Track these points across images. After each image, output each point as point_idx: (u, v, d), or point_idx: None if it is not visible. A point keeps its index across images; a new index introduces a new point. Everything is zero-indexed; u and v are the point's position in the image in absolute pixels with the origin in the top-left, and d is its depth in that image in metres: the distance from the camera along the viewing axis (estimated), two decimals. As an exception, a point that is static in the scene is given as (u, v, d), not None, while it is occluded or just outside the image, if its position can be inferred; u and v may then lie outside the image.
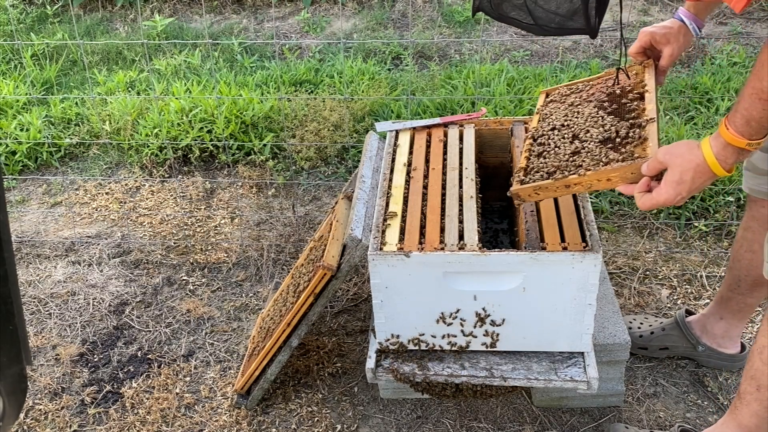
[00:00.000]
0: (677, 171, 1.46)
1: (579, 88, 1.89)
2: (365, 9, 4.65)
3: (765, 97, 1.33)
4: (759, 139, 1.40)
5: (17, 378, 1.11)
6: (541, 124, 1.82)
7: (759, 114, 1.36)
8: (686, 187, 1.46)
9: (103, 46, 4.20)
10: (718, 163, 1.43)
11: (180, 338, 2.44)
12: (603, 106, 1.75)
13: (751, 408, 1.70)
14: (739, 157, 1.44)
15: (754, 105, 1.36)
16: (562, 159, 1.65)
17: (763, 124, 1.37)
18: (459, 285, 1.78)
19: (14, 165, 3.29)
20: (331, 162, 3.21)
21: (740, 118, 1.39)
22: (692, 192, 1.48)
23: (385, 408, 2.15)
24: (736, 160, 1.44)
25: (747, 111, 1.37)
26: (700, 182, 1.46)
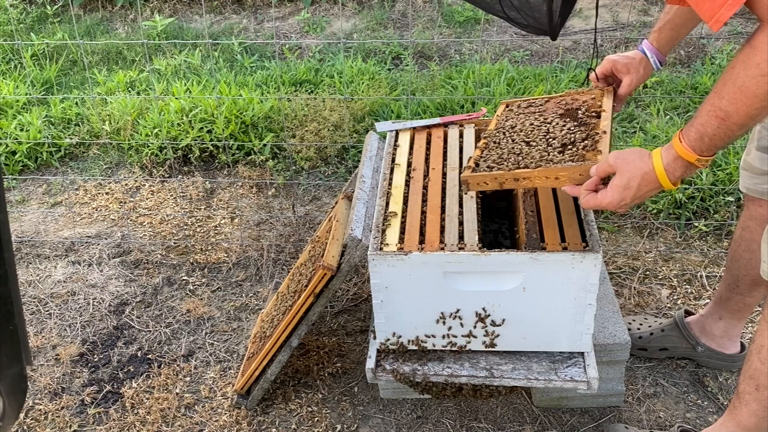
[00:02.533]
0: (625, 176, 1.48)
1: (538, 103, 1.94)
2: (365, 9, 4.65)
3: (722, 116, 1.34)
4: (708, 156, 1.41)
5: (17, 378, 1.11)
6: (498, 127, 1.87)
7: (713, 131, 1.37)
8: (631, 193, 1.48)
9: (103, 46, 4.20)
10: (666, 175, 1.45)
11: (180, 338, 2.44)
12: (560, 118, 1.80)
13: (750, 407, 1.70)
14: (687, 171, 1.45)
15: (710, 122, 1.36)
16: (515, 154, 1.69)
17: (715, 141, 1.38)
18: (459, 285, 1.78)
19: (14, 165, 3.29)
20: (331, 162, 3.21)
21: (695, 133, 1.40)
22: (636, 199, 1.50)
23: (385, 408, 2.15)
24: (684, 174, 1.46)
25: (702, 126, 1.38)
26: (646, 191, 1.48)
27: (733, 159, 2.82)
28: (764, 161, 1.83)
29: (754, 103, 1.29)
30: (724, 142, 1.38)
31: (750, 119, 1.33)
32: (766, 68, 1.25)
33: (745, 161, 1.90)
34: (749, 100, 1.29)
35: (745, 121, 1.33)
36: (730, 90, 1.31)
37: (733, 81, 1.31)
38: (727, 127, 1.35)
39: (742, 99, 1.30)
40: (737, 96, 1.30)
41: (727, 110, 1.33)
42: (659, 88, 3.43)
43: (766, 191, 1.87)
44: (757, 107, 1.30)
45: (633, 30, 4.18)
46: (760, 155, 1.83)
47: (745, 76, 1.28)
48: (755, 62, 1.26)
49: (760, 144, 1.82)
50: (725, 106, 1.33)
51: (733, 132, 1.36)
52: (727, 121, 1.34)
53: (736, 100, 1.31)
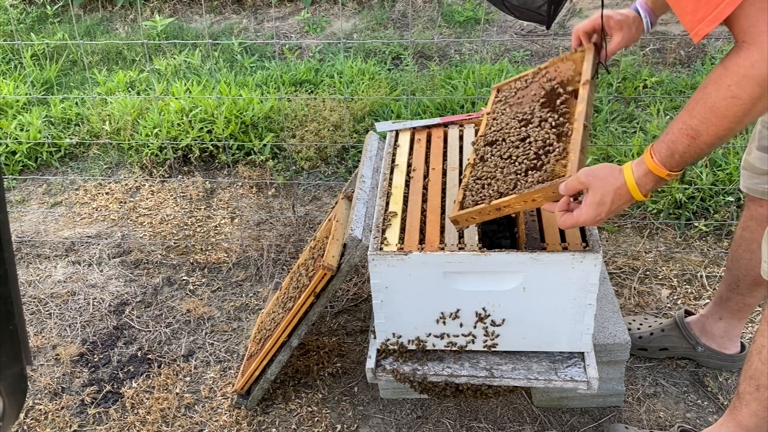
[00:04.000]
0: (598, 193, 1.49)
1: (523, 85, 1.91)
2: (365, 9, 4.65)
3: (692, 135, 1.36)
4: (678, 172, 1.44)
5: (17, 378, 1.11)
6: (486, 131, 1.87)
7: (683, 149, 1.39)
8: (606, 209, 1.50)
9: (103, 46, 4.20)
10: (638, 189, 1.48)
11: (180, 338, 2.44)
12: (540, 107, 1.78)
13: (750, 408, 1.70)
14: (657, 184, 1.48)
15: (680, 139, 1.38)
16: (494, 179, 1.70)
17: (685, 158, 1.40)
18: (459, 285, 1.78)
19: (14, 165, 3.29)
20: (331, 162, 3.21)
21: (665, 149, 1.42)
22: (611, 213, 1.52)
23: (385, 408, 2.15)
24: (654, 187, 1.49)
25: (673, 144, 1.40)
26: (619, 204, 1.50)
27: (733, 159, 2.82)
28: (765, 161, 1.83)
29: (723, 124, 1.32)
30: (693, 159, 1.41)
31: (718, 139, 1.35)
32: (736, 90, 1.27)
33: (746, 161, 1.90)
34: (719, 120, 1.31)
35: (713, 141, 1.36)
36: (702, 110, 1.33)
37: (705, 101, 1.32)
38: (697, 146, 1.37)
39: (713, 119, 1.32)
40: (708, 116, 1.32)
41: (697, 129, 1.35)
42: (659, 88, 3.44)
43: (767, 191, 1.87)
44: (726, 128, 1.32)
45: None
46: (761, 155, 1.83)
47: (717, 97, 1.30)
48: (726, 84, 1.28)
49: (761, 144, 1.82)
50: (696, 125, 1.35)
51: (702, 150, 1.38)
52: (698, 140, 1.36)
53: (706, 119, 1.33)
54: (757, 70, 1.23)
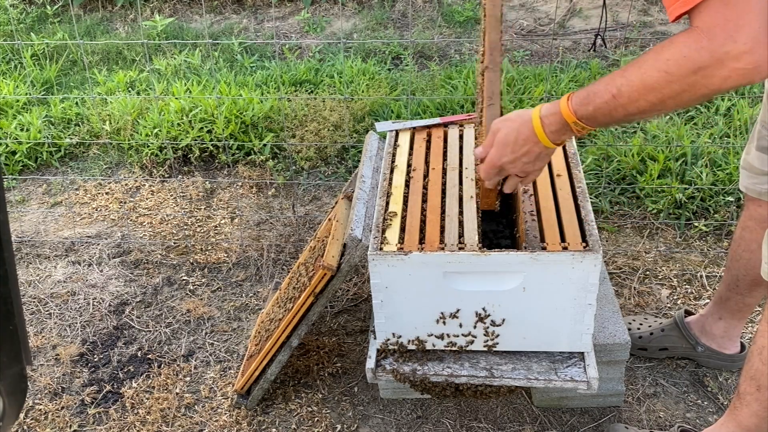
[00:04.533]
0: (504, 132, 1.48)
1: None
2: (365, 9, 4.65)
3: (614, 92, 1.31)
4: (585, 125, 1.39)
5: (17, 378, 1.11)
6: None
7: (600, 102, 1.34)
8: (510, 147, 1.47)
9: (103, 46, 4.20)
10: (542, 125, 1.43)
11: (180, 338, 2.44)
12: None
13: (750, 408, 1.70)
14: (563, 131, 1.42)
15: (602, 92, 1.34)
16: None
17: (597, 115, 1.36)
18: (459, 285, 1.78)
19: (14, 165, 3.29)
20: (331, 162, 3.21)
21: (584, 95, 1.38)
22: (519, 156, 1.48)
23: (385, 408, 2.15)
24: (560, 133, 1.43)
25: (594, 94, 1.35)
26: (523, 144, 1.46)
27: (733, 159, 2.82)
28: (764, 161, 1.83)
29: (645, 94, 1.27)
30: (605, 119, 1.36)
31: (636, 108, 1.30)
32: (672, 67, 1.23)
33: (745, 160, 1.90)
34: (643, 89, 1.27)
35: (630, 108, 1.31)
36: (633, 72, 1.29)
37: (639, 65, 1.29)
38: (614, 106, 1.32)
39: (637, 85, 1.28)
40: (635, 80, 1.29)
41: (620, 89, 1.30)
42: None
43: (766, 191, 1.87)
44: (647, 100, 1.28)
45: (633, 30, 4.18)
46: (760, 155, 1.83)
47: (651, 66, 1.26)
48: (665, 57, 1.24)
49: (760, 144, 1.82)
50: (621, 84, 1.31)
51: (618, 113, 1.33)
52: (617, 99, 1.31)
53: (632, 83, 1.29)
54: (699, 55, 1.19)
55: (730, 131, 3.05)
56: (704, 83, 1.20)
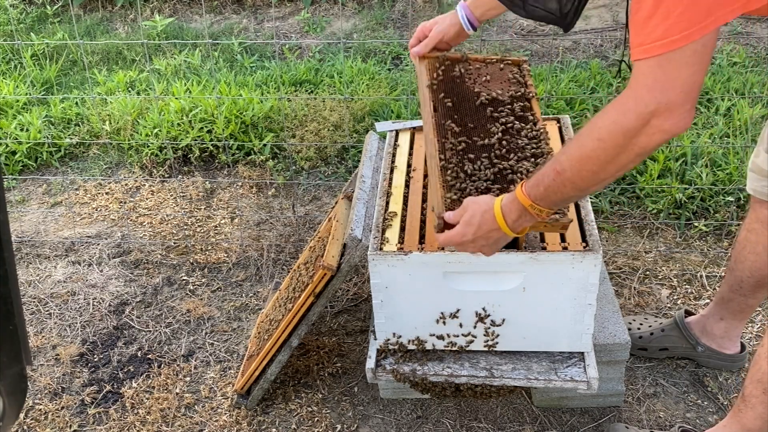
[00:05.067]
0: (469, 213, 1.53)
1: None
2: (365, 9, 4.65)
3: (558, 169, 1.37)
4: (541, 207, 1.44)
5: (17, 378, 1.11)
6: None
7: (549, 182, 1.40)
8: (473, 229, 1.52)
9: (103, 46, 4.20)
10: (502, 214, 1.48)
11: (180, 338, 2.44)
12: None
13: (756, 411, 1.70)
14: (522, 217, 1.47)
15: (548, 172, 1.40)
16: None
17: (549, 194, 1.41)
18: (459, 285, 1.78)
19: (14, 165, 3.29)
20: (331, 162, 3.21)
21: (534, 179, 1.44)
22: (479, 237, 1.52)
23: (385, 408, 2.15)
24: (520, 220, 1.48)
25: (542, 176, 1.41)
26: (486, 229, 1.51)
27: (733, 159, 2.82)
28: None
29: (586, 165, 1.33)
30: (557, 197, 1.41)
31: (582, 180, 1.36)
32: (603, 134, 1.29)
33: (754, 163, 1.88)
34: (583, 160, 1.33)
35: (577, 181, 1.36)
36: (572, 147, 1.36)
37: (578, 139, 1.35)
38: (561, 182, 1.38)
39: (577, 157, 1.34)
40: (575, 153, 1.35)
41: (563, 165, 1.36)
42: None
43: (772, 194, 1.86)
44: (589, 170, 1.33)
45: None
46: None
47: (587, 137, 1.32)
48: (597, 126, 1.31)
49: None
50: (563, 160, 1.37)
51: (566, 189, 1.38)
52: (562, 175, 1.37)
53: (573, 156, 1.35)
54: (625, 119, 1.26)
55: (730, 131, 3.05)
56: (635, 143, 1.27)
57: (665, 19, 1.20)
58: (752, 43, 3.93)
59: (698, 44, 1.20)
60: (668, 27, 1.20)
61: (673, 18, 1.19)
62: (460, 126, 1.82)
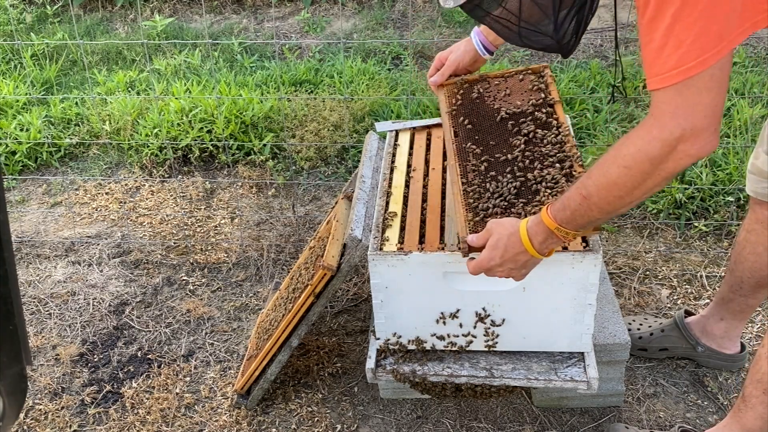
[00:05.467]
0: (495, 236, 1.54)
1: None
2: (365, 9, 4.65)
3: (584, 194, 1.39)
4: (567, 230, 1.45)
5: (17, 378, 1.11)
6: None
7: (575, 206, 1.41)
8: (500, 252, 1.52)
9: (103, 46, 4.20)
10: (528, 237, 1.49)
11: (180, 338, 2.44)
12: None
13: (756, 411, 1.70)
14: (548, 240, 1.48)
15: (574, 196, 1.41)
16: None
17: (576, 217, 1.42)
18: (459, 285, 1.78)
19: (14, 165, 3.29)
20: (331, 162, 3.21)
21: (560, 202, 1.45)
22: (506, 261, 1.53)
23: (385, 408, 2.15)
24: (546, 242, 1.49)
25: (567, 199, 1.43)
26: (513, 252, 1.52)
27: (733, 159, 2.82)
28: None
29: (613, 191, 1.35)
30: (584, 220, 1.42)
31: (608, 205, 1.37)
32: (630, 161, 1.31)
33: (753, 164, 1.88)
34: (609, 186, 1.35)
35: (603, 206, 1.38)
36: (597, 173, 1.37)
37: (602, 165, 1.36)
38: (588, 207, 1.39)
39: (604, 183, 1.36)
40: (600, 180, 1.36)
41: (589, 190, 1.38)
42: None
43: (772, 195, 1.86)
44: (616, 196, 1.35)
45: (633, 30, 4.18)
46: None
47: (612, 164, 1.34)
48: (623, 153, 1.32)
49: None
50: (589, 185, 1.38)
51: (593, 213, 1.40)
52: (588, 200, 1.38)
53: (599, 183, 1.37)
54: (651, 147, 1.28)
55: (730, 131, 3.05)
56: (662, 168, 1.29)
57: (677, 48, 1.22)
58: (752, 43, 3.93)
59: (715, 68, 1.22)
60: (681, 56, 1.22)
61: (685, 47, 1.21)
62: (482, 146, 1.82)
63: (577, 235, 1.47)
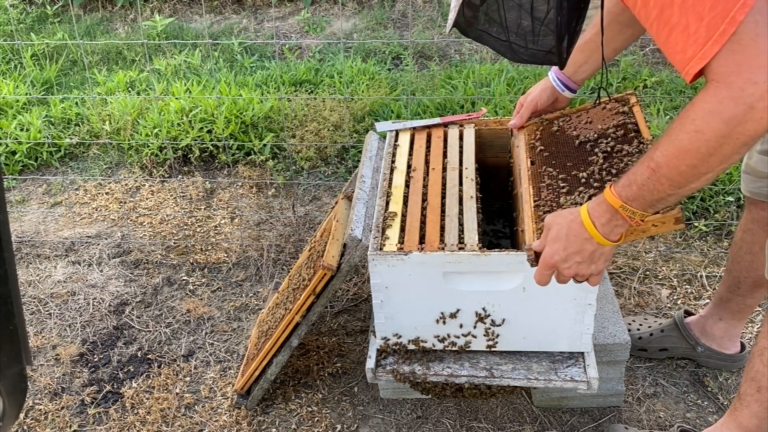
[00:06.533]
0: (555, 228, 1.44)
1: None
2: (365, 9, 4.65)
3: (653, 166, 1.29)
4: (634, 209, 1.34)
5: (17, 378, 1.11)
6: None
7: (642, 180, 1.31)
8: (562, 244, 1.42)
9: (103, 46, 4.20)
10: (590, 219, 1.38)
11: (180, 338, 2.44)
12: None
13: (751, 409, 1.70)
14: (613, 220, 1.37)
15: (641, 171, 1.32)
16: None
17: (643, 192, 1.32)
18: (459, 285, 1.78)
19: (14, 165, 3.29)
20: (331, 162, 3.21)
21: (625, 179, 1.35)
22: (571, 254, 1.42)
23: (385, 408, 2.15)
24: (610, 222, 1.37)
25: (634, 175, 1.33)
26: (575, 241, 1.41)
27: (733, 159, 2.82)
28: (766, 164, 1.83)
29: (684, 158, 1.25)
30: (653, 197, 1.31)
31: (680, 176, 1.27)
32: (701, 125, 1.21)
33: (747, 164, 1.89)
34: (681, 154, 1.25)
35: (675, 178, 1.27)
36: (665, 142, 1.28)
37: (669, 134, 1.27)
38: (657, 179, 1.29)
39: (673, 152, 1.26)
40: (670, 149, 1.26)
41: (658, 161, 1.28)
42: (659, 88, 3.43)
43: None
44: (688, 164, 1.25)
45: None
46: (762, 158, 1.83)
47: (681, 131, 1.24)
48: (691, 118, 1.22)
49: (763, 147, 1.82)
50: (657, 157, 1.28)
51: (663, 187, 1.29)
52: (657, 172, 1.29)
53: (668, 152, 1.27)
54: (723, 107, 1.18)
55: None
56: (740, 131, 1.18)
57: (700, 20, 1.15)
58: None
59: (753, 15, 1.13)
60: (708, 24, 1.15)
61: (707, 14, 1.14)
62: (558, 168, 1.77)
63: (646, 216, 1.35)
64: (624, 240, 1.42)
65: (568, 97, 1.93)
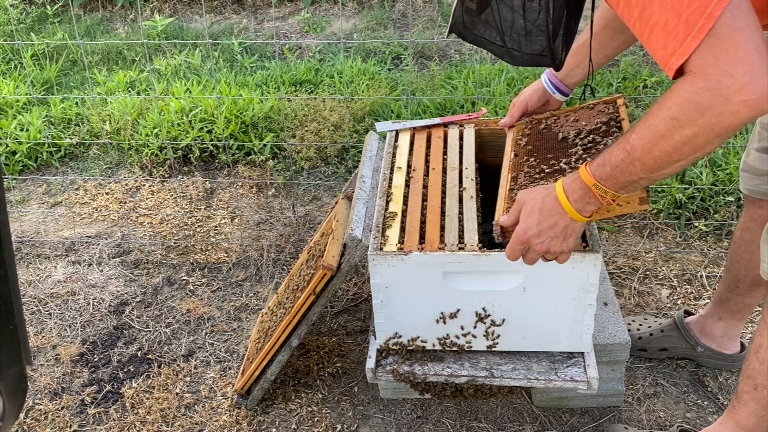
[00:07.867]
0: (529, 204, 1.46)
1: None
2: (365, 9, 4.65)
3: (628, 149, 1.31)
4: (606, 188, 1.36)
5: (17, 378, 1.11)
6: None
7: (616, 161, 1.33)
8: (536, 218, 1.44)
9: (103, 46, 4.20)
10: (565, 194, 1.41)
11: (180, 338, 2.44)
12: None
13: (748, 407, 1.70)
14: (585, 198, 1.40)
15: (616, 152, 1.34)
16: None
17: (616, 174, 1.34)
18: (459, 285, 1.78)
19: (14, 165, 3.29)
20: (331, 162, 3.21)
21: (600, 158, 1.37)
22: (545, 229, 1.44)
23: (385, 408, 2.15)
24: (582, 199, 1.40)
25: (609, 155, 1.35)
26: (551, 215, 1.43)
27: (733, 159, 2.82)
28: (764, 162, 1.83)
29: (659, 143, 1.26)
30: (625, 178, 1.34)
31: (653, 161, 1.29)
32: (676, 112, 1.22)
33: (745, 162, 1.90)
34: (655, 139, 1.26)
35: (648, 162, 1.29)
36: (642, 126, 1.30)
37: (646, 118, 1.29)
38: (630, 162, 1.31)
39: (648, 136, 1.27)
40: (645, 133, 1.28)
41: (633, 144, 1.30)
42: (659, 88, 3.44)
43: (766, 192, 1.87)
44: (661, 149, 1.26)
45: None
46: (760, 156, 1.84)
47: (656, 116, 1.26)
48: (668, 105, 1.24)
49: (760, 145, 1.83)
50: (633, 140, 1.30)
51: (635, 170, 1.31)
52: (631, 155, 1.30)
53: (643, 136, 1.29)
54: (699, 96, 1.19)
55: (730, 131, 3.05)
56: (714, 122, 1.19)
57: (679, 16, 1.17)
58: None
59: (730, 11, 1.15)
60: (687, 19, 1.16)
61: (685, 11, 1.16)
62: (539, 159, 1.78)
63: (617, 197, 1.38)
64: (594, 218, 1.46)
65: (560, 100, 1.94)
